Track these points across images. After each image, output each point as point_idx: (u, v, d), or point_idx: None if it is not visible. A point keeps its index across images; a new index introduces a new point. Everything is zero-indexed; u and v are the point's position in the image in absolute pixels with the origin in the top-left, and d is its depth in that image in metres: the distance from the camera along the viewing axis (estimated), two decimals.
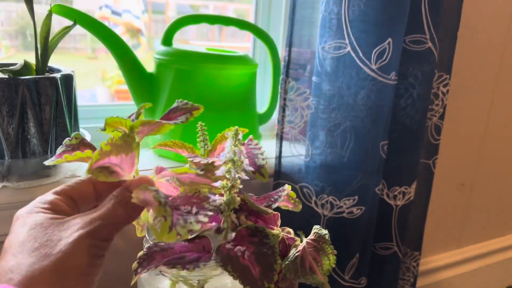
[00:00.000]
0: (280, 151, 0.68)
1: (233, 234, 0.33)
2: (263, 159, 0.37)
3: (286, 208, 0.38)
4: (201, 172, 0.31)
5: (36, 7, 0.51)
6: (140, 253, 0.32)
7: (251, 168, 0.34)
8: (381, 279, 0.73)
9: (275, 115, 0.74)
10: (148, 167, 0.50)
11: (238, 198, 0.33)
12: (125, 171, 0.32)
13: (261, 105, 0.75)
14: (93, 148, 0.36)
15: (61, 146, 0.36)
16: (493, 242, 1.13)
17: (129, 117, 0.37)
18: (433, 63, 0.63)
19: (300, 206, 0.38)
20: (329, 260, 0.34)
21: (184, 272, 0.34)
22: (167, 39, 0.63)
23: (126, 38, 0.92)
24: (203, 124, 0.40)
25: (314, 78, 0.64)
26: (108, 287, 0.63)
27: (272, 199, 0.37)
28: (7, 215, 0.53)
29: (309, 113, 0.66)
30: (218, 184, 0.32)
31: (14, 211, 0.52)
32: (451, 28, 0.65)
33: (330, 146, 0.65)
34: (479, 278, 1.12)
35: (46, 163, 0.35)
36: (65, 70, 0.55)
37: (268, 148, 0.74)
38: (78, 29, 0.56)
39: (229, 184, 0.32)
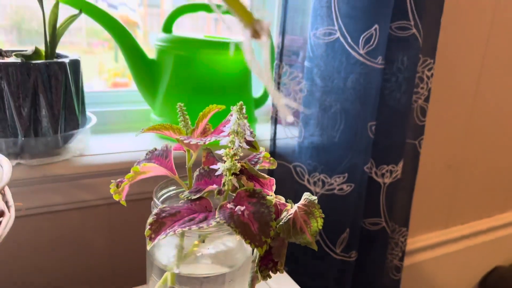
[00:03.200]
0: (275, 133, 0.72)
1: (233, 196, 0.37)
2: (251, 132, 0.41)
3: (264, 168, 0.43)
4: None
5: None
6: (150, 220, 0.36)
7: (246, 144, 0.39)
8: (371, 253, 0.77)
9: (270, 100, 0.78)
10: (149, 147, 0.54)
11: (239, 164, 0.37)
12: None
13: (257, 90, 0.79)
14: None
15: None
16: (480, 223, 1.18)
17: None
18: (418, 49, 0.68)
19: (276, 164, 0.44)
20: (317, 222, 0.38)
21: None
22: (168, 27, 0.67)
23: None
24: (183, 105, 0.43)
25: (306, 63, 0.68)
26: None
27: (253, 162, 0.41)
28: (22, 191, 0.57)
29: (302, 96, 0.70)
30: (221, 152, 0.37)
31: (28, 187, 0.57)
32: (435, 14, 0.69)
33: (321, 128, 0.69)
34: (467, 258, 1.17)
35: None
36: (72, 56, 0.59)
37: (264, 131, 0.79)
38: (74, 23, 0.60)
39: (232, 152, 0.36)
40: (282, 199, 0.43)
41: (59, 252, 0.63)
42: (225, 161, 0.37)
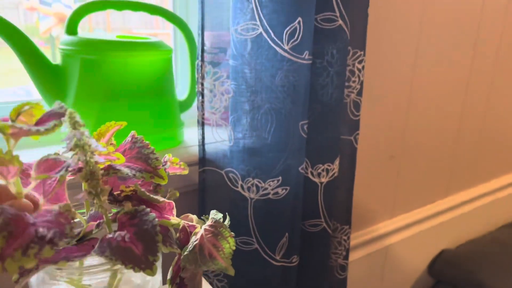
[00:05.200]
0: (203, 138, 0.67)
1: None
2: (156, 158, 0.35)
3: (174, 174, 0.38)
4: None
5: None
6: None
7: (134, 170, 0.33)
8: (313, 255, 0.74)
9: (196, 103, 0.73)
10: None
11: (107, 186, 0.31)
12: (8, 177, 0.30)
13: (182, 93, 0.74)
14: None
15: None
16: (425, 209, 1.19)
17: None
18: (346, 40, 0.64)
19: (187, 169, 0.39)
20: (229, 243, 0.34)
21: (77, 275, 0.32)
22: (71, 28, 0.60)
23: (59, 29, 0.86)
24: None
25: (231, 62, 0.63)
26: None
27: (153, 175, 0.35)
28: None
29: (228, 97, 0.65)
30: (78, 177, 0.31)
31: None
32: (361, 4, 0.66)
33: (252, 130, 0.65)
34: (414, 245, 1.18)
35: None
36: None
37: (192, 135, 0.73)
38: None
39: (88, 170, 0.30)
40: (194, 219, 0.38)
41: None
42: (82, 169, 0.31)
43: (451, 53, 1.05)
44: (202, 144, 0.67)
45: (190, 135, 0.73)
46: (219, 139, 0.68)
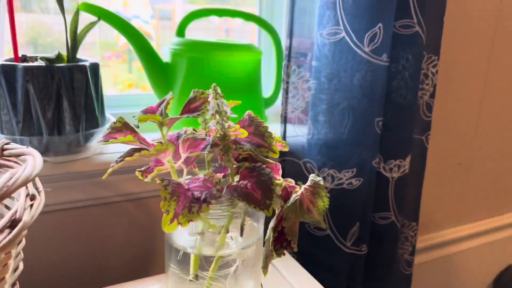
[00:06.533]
0: (285, 131, 0.74)
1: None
2: (270, 136, 0.43)
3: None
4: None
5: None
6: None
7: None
8: (381, 248, 0.79)
9: (280, 100, 0.81)
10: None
11: (233, 146, 0.39)
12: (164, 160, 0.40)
13: (268, 91, 0.82)
14: (133, 131, 0.43)
15: (107, 128, 0.43)
16: (492, 221, 1.18)
17: (159, 105, 0.44)
18: (422, 46, 0.70)
19: (288, 146, 0.47)
20: (323, 202, 0.41)
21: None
22: (181, 31, 0.71)
23: None
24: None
25: (313, 62, 0.71)
26: (131, 251, 0.70)
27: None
28: (46, 187, 0.60)
29: (310, 95, 0.73)
30: (210, 139, 0.39)
31: (52, 184, 0.60)
32: (438, 12, 0.71)
33: (330, 125, 0.71)
34: (480, 256, 1.17)
35: (99, 143, 0.42)
36: (92, 60, 0.63)
37: (274, 130, 0.81)
38: (87, 38, 0.63)
39: (222, 133, 0.39)
40: (292, 182, 0.45)
41: (79, 246, 0.66)
42: (218, 145, 0.39)
43: None
44: (284, 136, 0.75)
45: (271, 129, 0.81)
46: (300, 133, 0.75)
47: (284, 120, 0.74)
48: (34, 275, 0.64)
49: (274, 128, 0.81)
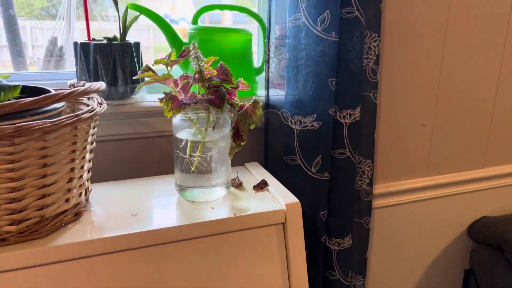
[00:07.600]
0: (268, 90, 1.05)
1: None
2: (231, 74, 0.74)
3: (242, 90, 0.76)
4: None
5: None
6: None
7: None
8: (341, 176, 1.06)
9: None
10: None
11: (207, 75, 0.71)
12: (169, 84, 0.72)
13: (257, 62, 1.12)
14: (154, 72, 0.76)
15: (140, 70, 0.76)
16: (461, 174, 1.39)
17: (167, 57, 0.77)
18: (362, 26, 0.97)
19: (250, 88, 0.78)
20: (259, 111, 0.71)
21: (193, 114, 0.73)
22: (195, 20, 1.03)
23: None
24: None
25: (287, 40, 1.00)
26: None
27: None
28: (110, 123, 0.95)
29: (285, 64, 1.02)
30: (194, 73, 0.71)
31: (113, 121, 0.94)
32: (374, 2, 0.98)
33: (299, 85, 1.01)
34: (453, 205, 1.38)
35: (136, 77, 0.76)
36: (135, 40, 0.96)
37: (261, 91, 1.12)
38: (143, 43, 0.97)
39: (198, 69, 0.70)
40: (246, 101, 0.76)
41: (124, 170, 1.00)
42: (197, 73, 0.71)
43: (484, 20, 1.27)
44: (267, 95, 1.05)
45: (260, 91, 1.12)
46: (280, 94, 1.05)
47: (267, 81, 1.04)
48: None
49: (262, 90, 1.12)
